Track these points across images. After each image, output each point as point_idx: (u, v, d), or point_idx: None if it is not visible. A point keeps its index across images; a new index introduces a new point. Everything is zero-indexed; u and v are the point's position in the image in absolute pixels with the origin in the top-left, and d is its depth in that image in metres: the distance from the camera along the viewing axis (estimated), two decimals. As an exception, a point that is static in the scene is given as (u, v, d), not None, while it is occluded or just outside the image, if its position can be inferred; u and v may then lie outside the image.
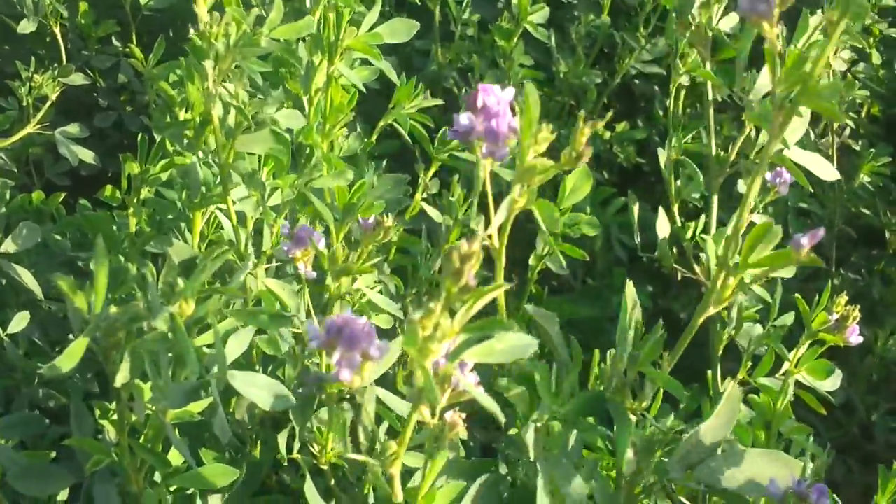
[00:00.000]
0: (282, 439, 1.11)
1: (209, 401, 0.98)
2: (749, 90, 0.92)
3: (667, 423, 1.03)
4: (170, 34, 1.84)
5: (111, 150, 1.72)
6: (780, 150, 1.01)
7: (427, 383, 0.66)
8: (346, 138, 1.37)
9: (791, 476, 0.89)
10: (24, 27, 1.62)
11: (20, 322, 1.21)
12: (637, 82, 2.17)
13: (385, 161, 1.44)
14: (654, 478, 0.96)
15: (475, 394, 0.70)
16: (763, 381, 1.18)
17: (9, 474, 0.95)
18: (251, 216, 1.22)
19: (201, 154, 1.19)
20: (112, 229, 1.33)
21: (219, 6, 1.04)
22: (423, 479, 0.90)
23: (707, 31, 1.13)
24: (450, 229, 1.42)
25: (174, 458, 0.98)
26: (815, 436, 1.27)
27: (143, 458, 0.95)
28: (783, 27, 1.20)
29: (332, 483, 1.08)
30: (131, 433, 0.95)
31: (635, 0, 2.07)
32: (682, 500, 1.03)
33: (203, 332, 0.91)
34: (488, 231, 0.86)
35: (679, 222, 1.42)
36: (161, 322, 0.81)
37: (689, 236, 1.37)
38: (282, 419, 1.17)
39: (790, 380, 1.19)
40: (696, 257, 1.26)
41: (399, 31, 1.29)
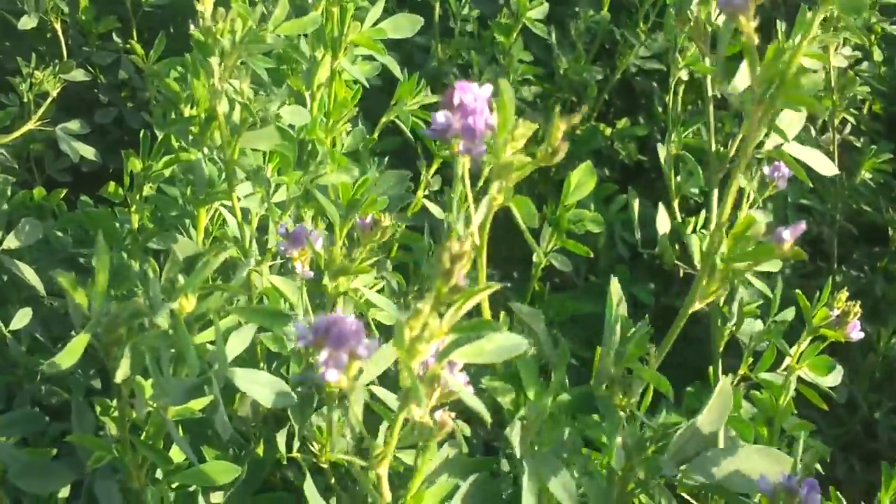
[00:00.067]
0: (281, 437, 1.11)
1: (211, 398, 0.98)
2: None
3: (658, 420, 1.02)
4: (170, 30, 1.84)
5: (112, 146, 1.72)
6: (780, 144, 1.01)
7: (413, 384, 0.65)
8: (348, 134, 1.37)
9: (783, 470, 0.88)
10: (25, 23, 1.62)
11: (22, 318, 1.20)
12: (638, 79, 2.16)
13: (387, 158, 1.44)
14: (646, 474, 0.95)
15: (462, 394, 0.70)
16: (765, 376, 1.18)
17: (10, 472, 0.95)
18: (256, 213, 1.21)
19: (206, 150, 1.19)
20: (114, 226, 1.33)
21: (221, 2, 1.04)
22: (413, 478, 0.89)
23: (706, 27, 1.13)
24: (451, 226, 1.41)
25: (176, 456, 0.97)
26: (817, 433, 1.27)
27: (144, 455, 0.95)
28: (783, 23, 1.20)
29: (333, 481, 1.08)
30: (133, 430, 0.95)
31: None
32: (683, 497, 1.03)
33: (205, 329, 0.91)
34: (470, 229, 0.86)
35: (679, 218, 1.42)
36: (161, 318, 0.81)
37: (689, 232, 1.37)
38: (285, 417, 1.17)
39: (792, 375, 1.18)
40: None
41: (402, 26, 1.28)
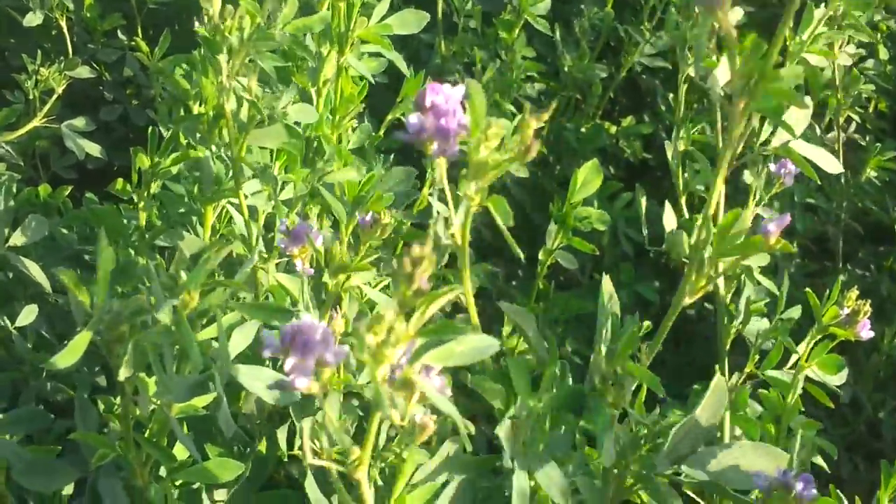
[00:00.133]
0: (281, 435, 1.11)
1: (214, 395, 0.97)
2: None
3: (652, 417, 1.02)
4: (175, 27, 1.84)
5: (117, 143, 1.72)
6: (787, 141, 1.01)
7: (377, 390, 0.65)
8: (353, 131, 1.36)
9: (779, 467, 0.88)
10: (31, 20, 1.62)
11: (28, 315, 1.20)
12: (643, 77, 2.16)
13: (392, 155, 1.44)
14: (641, 471, 0.95)
15: (434, 399, 0.69)
16: (772, 373, 1.17)
17: (14, 469, 0.95)
18: (262, 210, 1.21)
19: (213, 148, 1.19)
20: (120, 223, 1.33)
21: (228, 0, 1.04)
22: (396, 481, 0.89)
23: (714, 23, 1.12)
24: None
25: (179, 453, 0.97)
26: (822, 433, 1.26)
27: (148, 453, 0.95)
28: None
29: (335, 478, 1.08)
30: (136, 427, 0.95)
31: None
32: (689, 495, 1.03)
33: (209, 325, 0.91)
34: (451, 230, 0.85)
35: (686, 215, 1.41)
36: (164, 315, 0.81)
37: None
38: (289, 414, 1.17)
39: (801, 374, 1.18)
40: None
41: (409, 22, 1.28)
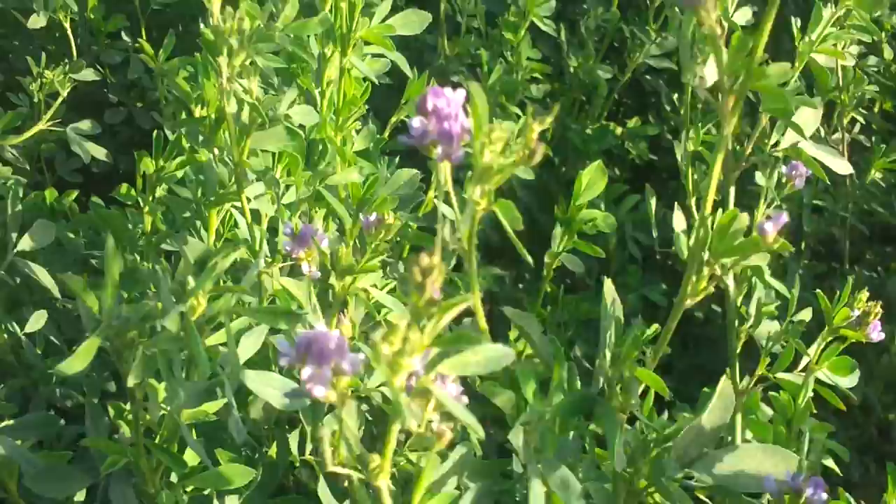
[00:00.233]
0: (293, 440, 1.10)
1: (224, 400, 0.97)
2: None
3: (660, 421, 1.01)
4: (179, 29, 1.83)
5: (122, 146, 1.72)
6: (796, 142, 1.00)
7: (396, 400, 0.65)
8: (357, 133, 1.36)
9: (789, 469, 0.87)
10: (35, 22, 1.61)
11: (38, 321, 1.20)
12: (648, 77, 2.15)
13: (397, 157, 1.43)
14: (652, 475, 0.94)
15: (451, 407, 0.68)
16: (783, 376, 1.17)
17: (25, 476, 0.94)
18: (266, 214, 1.21)
19: (217, 151, 1.18)
20: (126, 227, 1.33)
21: (232, 2, 1.04)
22: (413, 487, 0.88)
23: (722, 24, 1.12)
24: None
25: (190, 459, 0.97)
26: (832, 435, 1.26)
27: (159, 459, 0.95)
28: (797, 19, 1.19)
29: (346, 484, 1.07)
30: (147, 433, 0.94)
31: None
32: (699, 498, 1.02)
33: (217, 331, 0.90)
34: (457, 235, 0.85)
35: (696, 217, 1.41)
36: (172, 321, 0.81)
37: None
38: (299, 419, 1.16)
39: (811, 376, 1.17)
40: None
41: (412, 22, 1.27)
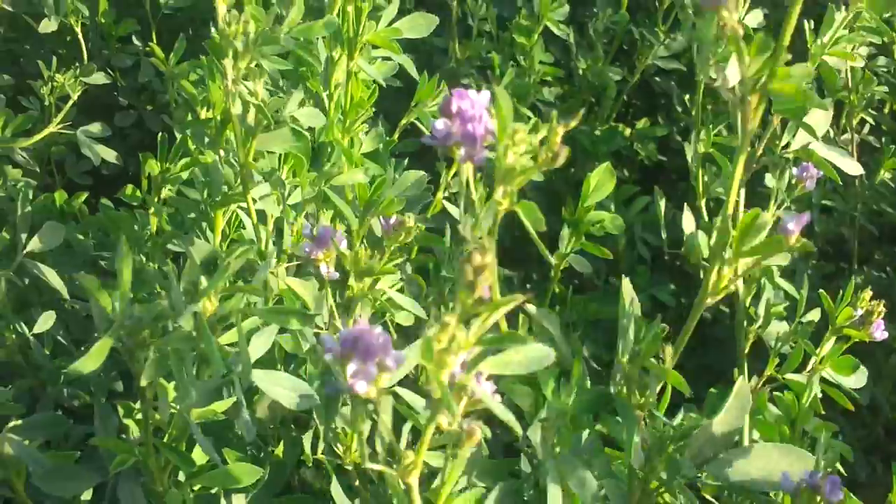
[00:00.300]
0: (307, 439, 1.11)
1: (232, 400, 0.98)
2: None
3: (677, 419, 1.01)
4: (190, 33, 1.84)
5: (132, 149, 1.73)
6: (807, 143, 1.00)
7: (444, 396, 0.65)
8: (366, 135, 1.36)
9: (804, 469, 0.87)
10: (46, 26, 1.62)
11: (46, 321, 1.21)
12: (657, 79, 2.15)
13: (406, 160, 1.44)
14: (666, 474, 0.94)
15: (491, 404, 0.70)
16: (791, 377, 1.17)
17: (33, 474, 0.95)
18: (271, 215, 1.21)
19: (222, 153, 1.19)
20: (134, 228, 1.33)
21: (238, 5, 1.04)
22: (441, 485, 0.89)
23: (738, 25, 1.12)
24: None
25: (198, 458, 0.98)
26: (840, 436, 1.26)
27: (167, 458, 0.95)
28: (810, 22, 1.19)
29: (357, 483, 1.08)
30: (154, 433, 0.95)
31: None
32: (706, 498, 1.02)
33: (226, 331, 0.91)
34: (479, 235, 0.85)
35: (706, 218, 1.41)
36: (185, 321, 0.81)
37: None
38: (304, 418, 1.17)
39: (815, 376, 1.17)
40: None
41: (419, 25, 1.28)
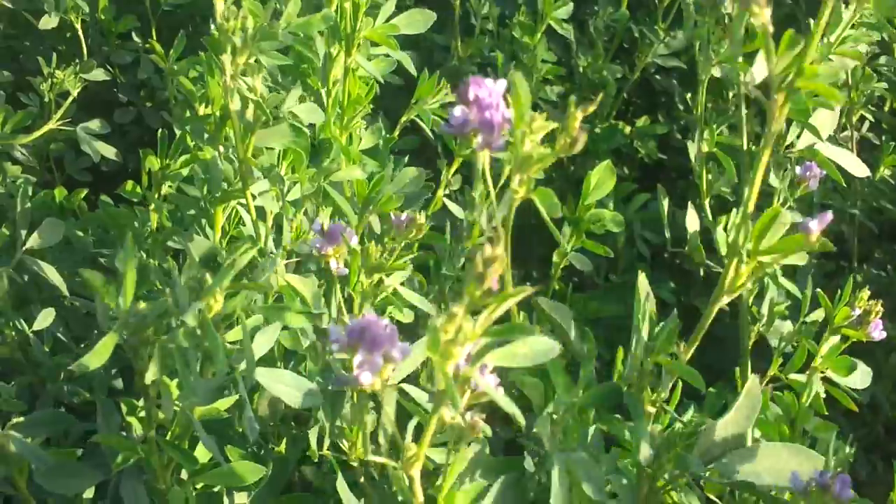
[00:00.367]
0: (312, 436, 1.10)
1: (235, 397, 0.97)
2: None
3: (686, 417, 1.01)
4: (189, 30, 1.84)
5: (131, 146, 1.72)
6: (812, 143, 1.00)
7: (448, 387, 0.65)
8: (365, 130, 1.36)
9: (813, 468, 0.87)
10: (46, 23, 1.62)
11: (46, 318, 1.20)
12: (657, 77, 2.15)
13: (406, 157, 1.43)
14: (675, 472, 0.94)
15: (495, 396, 0.70)
16: (795, 377, 1.17)
17: (35, 472, 0.95)
18: (271, 211, 1.21)
19: (222, 149, 1.19)
20: (134, 225, 1.33)
21: (237, 1, 1.04)
22: (443, 479, 0.89)
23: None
24: (472, 225, 1.41)
25: (201, 456, 0.97)
26: (840, 434, 1.26)
27: (170, 455, 0.95)
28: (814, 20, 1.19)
29: (362, 480, 1.08)
30: (157, 430, 0.95)
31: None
32: (708, 497, 1.02)
33: (228, 329, 0.91)
34: (492, 224, 0.86)
35: (710, 217, 1.41)
36: (190, 318, 0.81)
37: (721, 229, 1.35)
38: (304, 415, 1.17)
39: (815, 376, 1.17)
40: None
41: (417, 21, 1.28)
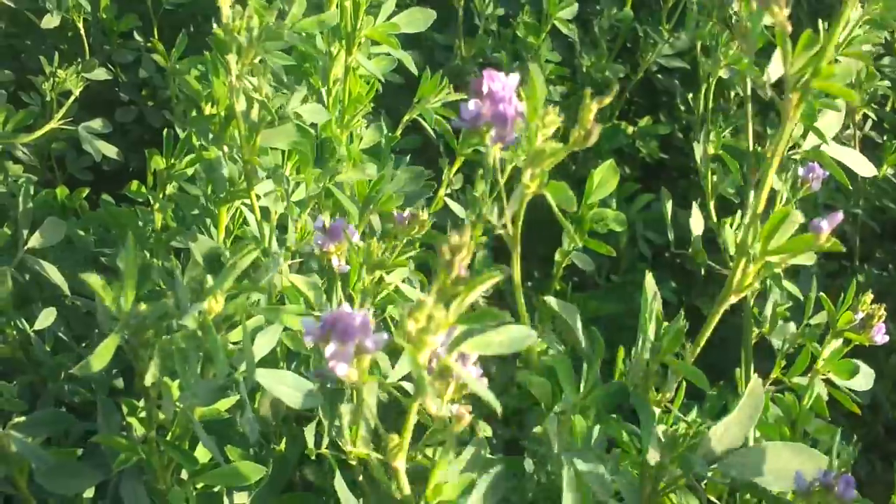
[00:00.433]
0: (309, 434, 1.10)
1: (236, 398, 0.97)
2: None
3: (690, 417, 1.01)
4: (191, 29, 1.84)
5: (133, 145, 1.72)
6: (818, 144, 1.00)
7: (419, 375, 0.65)
8: (366, 129, 1.36)
9: (817, 468, 0.87)
10: (48, 22, 1.62)
11: (47, 318, 1.20)
12: (660, 77, 2.14)
13: (408, 156, 1.43)
14: (678, 472, 0.94)
15: (472, 385, 0.70)
16: (798, 380, 1.16)
17: (36, 472, 0.95)
18: (275, 211, 1.21)
19: (226, 149, 1.19)
20: (136, 225, 1.33)
21: (241, 1, 1.04)
22: (431, 471, 0.89)
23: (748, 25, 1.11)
24: (473, 224, 1.40)
25: (201, 456, 0.97)
26: (841, 435, 1.25)
27: (170, 456, 0.95)
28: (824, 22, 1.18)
29: (360, 478, 1.08)
30: (158, 430, 0.94)
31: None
32: (709, 499, 1.02)
33: (230, 330, 0.91)
34: (502, 220, 0.86)
35: (714, 218, 1.40)
36: (190, 320, 0.81)
37: (726, 229, 1.35)
38: (307, 415, 1.16)
39: (816, 379, 1.17)
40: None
41: (417, 20, 1.28)
